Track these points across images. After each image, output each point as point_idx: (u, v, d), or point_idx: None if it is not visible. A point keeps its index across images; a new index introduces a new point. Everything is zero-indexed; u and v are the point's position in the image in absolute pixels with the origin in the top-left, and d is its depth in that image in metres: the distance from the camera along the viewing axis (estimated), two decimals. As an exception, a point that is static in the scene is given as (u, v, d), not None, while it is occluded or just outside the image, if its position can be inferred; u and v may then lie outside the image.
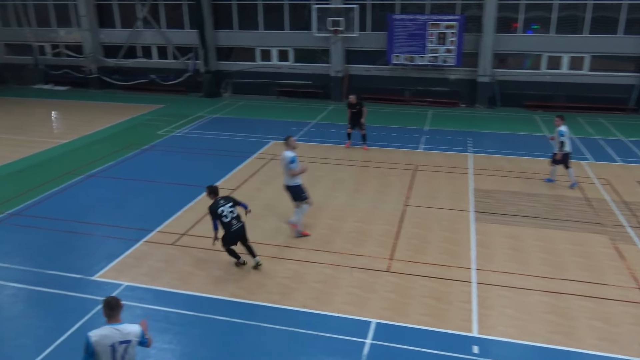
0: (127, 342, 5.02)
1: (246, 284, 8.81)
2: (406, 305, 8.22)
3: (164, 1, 25.73)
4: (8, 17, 27.92)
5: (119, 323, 5.05)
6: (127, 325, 5.08)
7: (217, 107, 22.97)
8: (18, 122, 20.44)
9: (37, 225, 11.09)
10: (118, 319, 5.07)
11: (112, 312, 5.05)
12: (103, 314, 5.08)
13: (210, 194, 9.08)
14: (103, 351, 4.92)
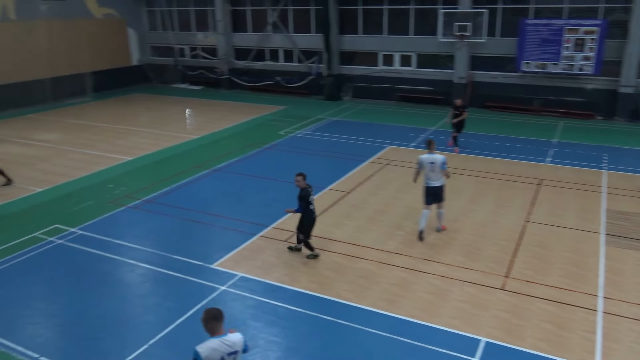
0: (234, 352, 4.94)
1: (353, 287, 8.85)
2: (520, 328, 7.73)
3: (293, 7, 26.74)
4: (156, 23, 30.75)
5: (224, 335, 4.93)
6: (231, 336, 4.97)
7: (337, 110, 23.36)
8: (157, 117, 22.41)
9: (166, 212, 12.07)
10: (222, 331, 4.96)
11: (217, 324, 4.92)
12: (205, 328, 4.91)
13: (304, 181, 9.48)
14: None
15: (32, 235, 10.92)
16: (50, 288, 9.00)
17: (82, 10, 26.95)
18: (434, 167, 10.43)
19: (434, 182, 10.52)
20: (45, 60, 25.00)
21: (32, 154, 16.96)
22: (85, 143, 18.12)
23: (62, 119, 22.19)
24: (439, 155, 10.49)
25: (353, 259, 9.79)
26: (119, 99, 26.62)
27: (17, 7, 23.87)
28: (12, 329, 7.83)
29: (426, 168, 10.52)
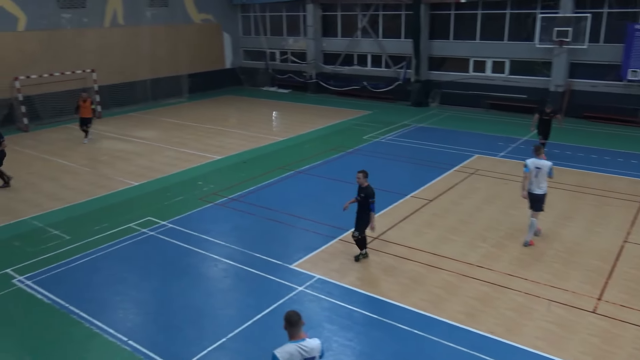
0: (311, 358, 4.86)
1: (431, 297, 8.64)
2: (613, 355, 7.17)
3: (384, 11, 26.67)
4: (249, 27, 31.90)
5: (302, 340, 4.84)
6: (309, 342, 4.87)
7: (423, 116, 22.98)
8: (246, 118, 23.20)
9: (250, 211, 12.45)
10: (300, 335, 4.87)
11: (294, 329, 4.85)
12: (284, 327, 4.88)
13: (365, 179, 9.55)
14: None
15: (128, 225, 11.69)
16: (140, 276, 9.58)
17: (183, 16, 28.51)
18: (539, 173, 10.20)
19: (537, 189, 10.29)
20: (148, 63, 26.71)
21: (132, 149, 18.16)
22: (179, 141, 19.13)
23: (159, 117, 23.59)
24: (546, 161, 10.23)
25: (432, 269, 9.57)
26: (211, 100, 27.87)
27: (125, 14, 25.70)
28: (105, 312, 8.42)
29: (532, 173, 10.31)
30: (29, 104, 21.77)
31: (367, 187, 9.56)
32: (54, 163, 16.68)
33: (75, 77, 23.38)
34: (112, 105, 25.06)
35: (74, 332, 7.90)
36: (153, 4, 26.88)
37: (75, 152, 17.97)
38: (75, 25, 23.74)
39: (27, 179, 15.14)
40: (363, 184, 9.60)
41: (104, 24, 24.89)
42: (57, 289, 9.10)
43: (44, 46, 22.54)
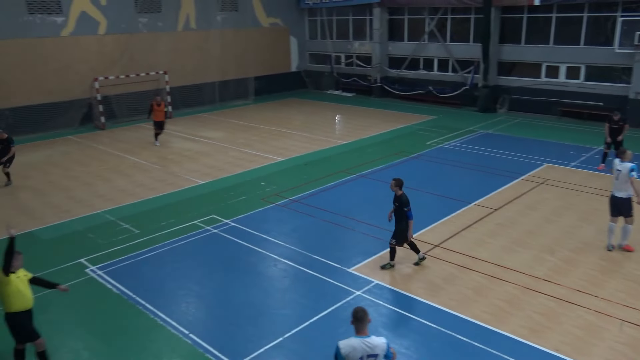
0: (374, 356, 4.89)
1: (492, 309, 8.36)
2: (692, 384, 6.66)
3: (452, 15, 26.17)
4: (315, 31, 32.21)
5: (367, 336, 4.92)
6: (374, 339, 4.93)
7: (490, 122, 22.32)
8: (310, 121, 23.42)
9: (310, 213, 12.53)
10: (366, 332, 4.95)
11: (360, 325, 4.94)
12: (351, 322, 4.99)
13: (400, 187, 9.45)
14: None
15: (192, 222, 12.08)
16: (202, 272, 9.87)
17: (252, 19, 29.19)
18: (620, 175, 9.97)
19: (618, 191, 10.05)
20: (217, 66, 27.55)
21: (199, 149, 18.76)
22: (244, 142, 19.57)
23: (226, 119, 24.24)
24: (628, 163, 9.93)
25: (495, 280, 9.26)
26: (276, 103, 28.34)
27: (198, 18, 26.64)
28: (168, 304, 8.73)
29: (613, 175, 10.12)
30: (106, 104, 22.99)
31: (400, 196, 9.45)
32: (127, 160, 17.52)
33: (149, 78, 24.50)
34: (182, 106, 26.01)
35: (139, 323, 8.24)
36: (224, 8, 27.70)
37: (146, 150, 18.78)
38: (151, 29, 24.85)
39: (103, 174, 15.98)
40: (397, 193, 9.46)
41: (177, 28, 25.90)
42: (125, 280, 9.53)
43: (121, 49, 23.75)
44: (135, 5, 24.10)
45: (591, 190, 13.61)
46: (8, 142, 14.86)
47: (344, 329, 7.94)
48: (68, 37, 22.18)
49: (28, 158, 18.05)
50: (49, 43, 21.65)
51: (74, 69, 22.37)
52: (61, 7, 21.84)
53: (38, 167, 16.95)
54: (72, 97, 22.47)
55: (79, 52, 22.48)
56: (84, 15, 22.50)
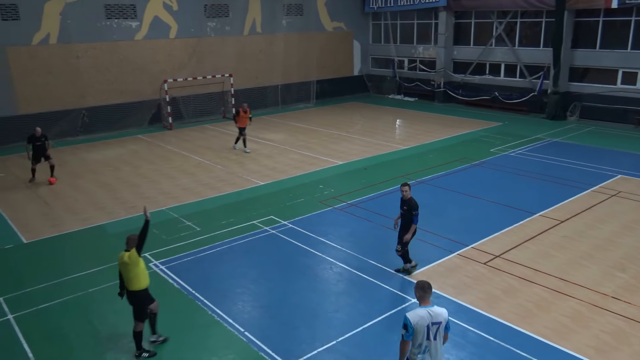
0: (437, 323, 5.44)
1: (556, 326, 7.99)
2: None
3: (522, 19, 25.34)
4: (380, 35, 32.08)
5: (430, 306, 5.48)
6: (436, 308, 5.49)
7: (560, 130, 21.39)
8: (370, 125, 23.33)
9: (367, 217, 12.46)
10: (429, 302, 5.53)
11: (425, 295, 5.54)
12: (416, 296, 5.62)
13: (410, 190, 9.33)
14: (420, 331, 5.40)
15: (251, 222, 12.31)
16: (259, 271, 10.03)
17: (317, 24, 29.46)
18: None
19: None
20: (280, 69, 27.98)
21: (260, 150, 19.12)
22: (304, 145, 19.75)
23: (287, 121, 24.58)
24: None
25: (559, 296, 8.85)
26: (337, 107, 28.43)
27: (264, 22, 27.18)
28: (225, 302, 8.93)
29: None
30: (174, 105, 23.88)
31: (410, 199, 9.32)
32: (191, 159, 18.11)
33: (215, 81, 25.23)
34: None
35: (197, 318, 8.48)
36: (289, 13, 28.12)
37: (210, 150, 19.34)
38: (219, 33, 25.60)
39: (168, 172, 16.60)
40: (407, 197, 9.33)
41: (244, 32, 26.54)
42: (186, 276, 9.84)
43: (190, 52, 24.61)
44: (204, 10, 24.90)
45: (669, 205, 12.78)
46: (46, 138, 15.77)
47: (398, 336, 7.82)
48: (141, 41, 23.23)
49: (100, 155, 19.04)
50: (124, 46, 22.77)
51: (145, 71, 23.40)
52: (136, 12, 22.91)
53: (109, 164, 17.83)
54: (142, 98, 23.51)
55: (150, 54, 23.51)
56: (156, 20, 23.49)
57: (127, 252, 7.34)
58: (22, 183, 15.79)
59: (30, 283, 9.66)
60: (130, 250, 7.32)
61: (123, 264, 7.36)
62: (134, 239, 7.37)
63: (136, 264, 7.30)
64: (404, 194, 9.36)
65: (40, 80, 20.90)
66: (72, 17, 21.20)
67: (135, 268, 7.30)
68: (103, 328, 8.30)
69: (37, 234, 11.99)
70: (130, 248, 7.34)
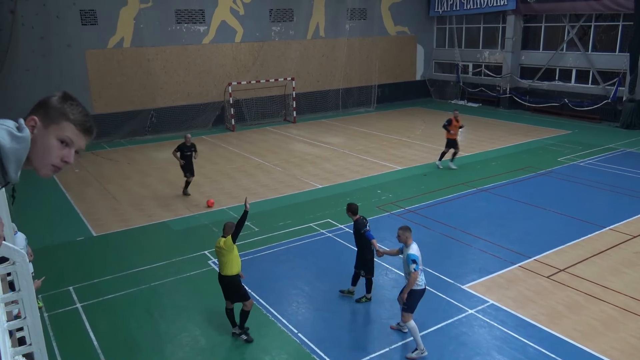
0: None
1: (622, 345, 7.54)
2: None
3: (597, 22, 24.18)
4: (444, 39, 31.54)
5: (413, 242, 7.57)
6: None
7: (635, 140, 20.21)
8: (431, 131, 22.92)
9: (426, 224, 12.26)
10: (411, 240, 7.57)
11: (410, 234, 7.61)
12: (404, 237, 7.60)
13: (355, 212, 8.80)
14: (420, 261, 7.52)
15: (309, 225, 12.41)
16: (314, 274, 10.09)
17: (379, 28, 29.35)
18: None
19: None
20: (342, 73, 28.08)
21: (319, 154, 19.24)
22: (363, 149, 19.70)
23: (347, 125, 24.60)
24: None
25: (629, 315, 8.35)
26: (398, 112, 28.16)
27: (327, 26, 27.39)
28: (280, 302, 9.04)
29: None
30: (237, 107, 24.48)
31: (356, 220, 8.76)
32: (252, 160, 18.49)
33: (277, 84, 25.65)
34: (307, 111, 26.87)
35: (253, 317, 8.59)
36: (353, 17, 28.17)
37: (271, 152, 19.67)
38: (283, 37, 26.03)
39: (230, 173, 17.02)
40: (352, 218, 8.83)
41: (307, 36, 26.84)
42: (243, 274, 10.01)
43: (254, 56, 25.16)
44: (270, 15, 25.40)
45: None
46: (194, 148, 14.54)
47: (453, 347, 7.67)
48: (208, 45, 23.99)
49: (167, 155, 19.76)
50: (193, 50, 23.59)
51: (211, 74, 24.15)
52: (204, 17, 23.70)
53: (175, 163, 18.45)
54: (207, 100, 24.26)
55: (216, 58, 24.23)
56: (223, 25, 24.19)
57: (223, 238, 7.73)
58: (95, 179, 16.65)
59: (98, 274, 10.17)
60: (226, 237, 7.70)
61: (219, 248, 7.76)
62: (231, 226, 7.78)
63: (230, 250, 7.67)
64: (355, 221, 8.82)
65: (114, 81, 22.02)
66: (145, 22, 22.21)
67: (229, 254, 7.68)
68: (162, 321, 8.61)
69: (106, 228, 12.62)
70: (226, 234, 7.73)
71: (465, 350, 7.61)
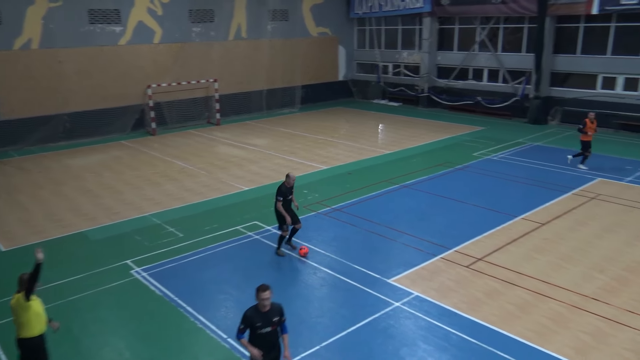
0: None
1: (538, 328, 8.06)
2: None
3: (505, 24, 25.64)
4: (364, 40, 32.25)
5: None
6: None
7: (541, 134, 21.67)
8: (355, 130, 23.40)
9: (351, 222, 12.49)
10: None
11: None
12: None
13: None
14: None
15: (235, 228, 12.27)
16: (242, 277, 9.99)
17: (301, 29, 29.52)
18: None
19: None
20: (265, 74, 27.98)
21: (245, 156, 19.07)
22: (289, 150, 19.75)
23: (272, 127, 24.56)
24: None
25: (541, 297, 8.95)
26: (322, 112, 28.49)
27: (249, 28, 27.18)
28: (208, 308, 8.88)
29: None
30: (157, 110, 23.74)
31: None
32: (175, 165, 18.01)
33: (199, 86, 25.16)
34: (231, 113, 26.54)
35: (180, 325, 8.42)
36: (274, 18, 28.15)
37: (195, 155, 19.24)
38: (204, 38, 25.55)
39: (152, 178, 16.48)
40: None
41: (229, 37, 26.51)
42: (168, 282, 9.76)
43: (174, 57, 24.51)
44: (189, 15, 24.84)
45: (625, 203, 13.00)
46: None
47: (381, 340, 7.87)
48: (125, 46, 23.09)
49: (83, 161, 18.86)
50: (108, 51, 22.61)
51: (129, 76, 23.25)
52: (120, 18, 22.78)
53: (92, 169, 17.65)
54: (125, 103, 23.33)
55: (135, 59, 23.36)
56: (140, 25, 23.38)
57: (17, 294, 6.34)
58: (2, 189, 15.57)
59: (8, 293, 9.50)
60: (20, 292, 6.32)
61: (13, 306, 6.36)
62: (25, 279, 6.29)
63: (25, 309, 6.29)
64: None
65: (22, 85, 20.65)
66: (55, 22, 21.02)
67: (25, 313, 6.31)
68: (83, 336, 8.20)
69: (17, 242, 11.83)
70: (21, 290, 6.33)
71: (393, 342, 7.83)
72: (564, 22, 23.43)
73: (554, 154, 18.36)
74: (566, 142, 20.18)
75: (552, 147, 19.58)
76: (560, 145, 19.68)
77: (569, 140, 20.62)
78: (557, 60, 23.83)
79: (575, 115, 23.07)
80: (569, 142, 20.18)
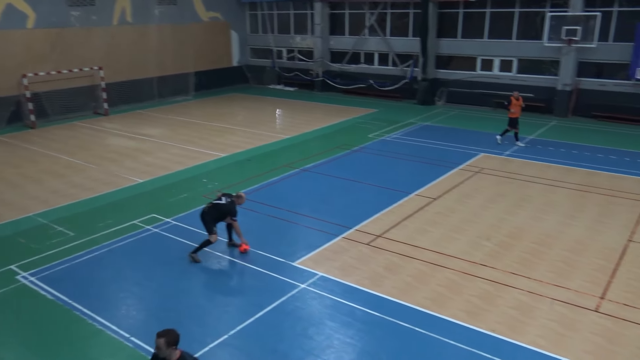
0: None
1: (434, 296, 8.62)
2: (615, 354, 7.13)
3: (392, 10, 26.60)
4: (257, 25, 31.93)
5: None
6: None
7: (429, 115, 22.91)
8: (252, 116, 23.23)
9: (254, 208, 12.45)
10: None
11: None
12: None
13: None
14: None
15: (132, 222, 11.74)
16: (143, 273, 9.62)
17: (191, 14, 28.55)
18: None
19: None
20: (155, 61, 26.77)
21: (138, 147, 18.23)
22: (185, 139, 19.17)
23: (166, 115, 23.66)
24: None
25: (436, 268, 9.55)
26: (218, 98, 27.92)
27: (134, 12, 25.77)
28: (107, 308, 8.46)
29: None
30: (36, 101, 21.90)
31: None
32: (61, 160, 16.78)
33: (83, 74, 23.52)
34: (119, 102, 25.13)
35: (77, 329, 7.94)
36: (162, 2, 26.94)
37: (82, 149, 18.05)
38: (84, 23, 23.85)
39: (35, 175, 15.24)
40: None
41: (113, 22, 24.99)
42: (61, 285, 9.15)
43: (52, 44, 22.66)
44: (65, -2, 23.06)
45: (524, 178, 14.25)
46: None
47: (289, 322, 7.98)
48: (-8, 32, 20.96)
49: (-49, 160, 16.98)
50: (-29, 38, 20.39)
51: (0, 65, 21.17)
52: (-16, 0, 20.60)
53: (-37, 169, 15.96)
54: (-2, 95, 21.28)
55: (5, 47, 21.25)
56: (10, 8, 21.30)
57: None
58: None
59: None
60: None
61: None
62: None
63: None
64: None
65: None
66: None
67: None
68: (-35, 351, 7.47)
69: None
70: None
71: (301, 323, 7.97)
72: (446, 8, 24.80)
73: (442, 133, 19.51)
74: (452, 121, 21.52)
75: (439, 126, 20.79)
76: (447, 124, 20.95)
77: (454, 119, 22.02)
78: (441, 44, 25.22)
79: (460, 96, 24.73)
80: (454, 121, 21.54)
